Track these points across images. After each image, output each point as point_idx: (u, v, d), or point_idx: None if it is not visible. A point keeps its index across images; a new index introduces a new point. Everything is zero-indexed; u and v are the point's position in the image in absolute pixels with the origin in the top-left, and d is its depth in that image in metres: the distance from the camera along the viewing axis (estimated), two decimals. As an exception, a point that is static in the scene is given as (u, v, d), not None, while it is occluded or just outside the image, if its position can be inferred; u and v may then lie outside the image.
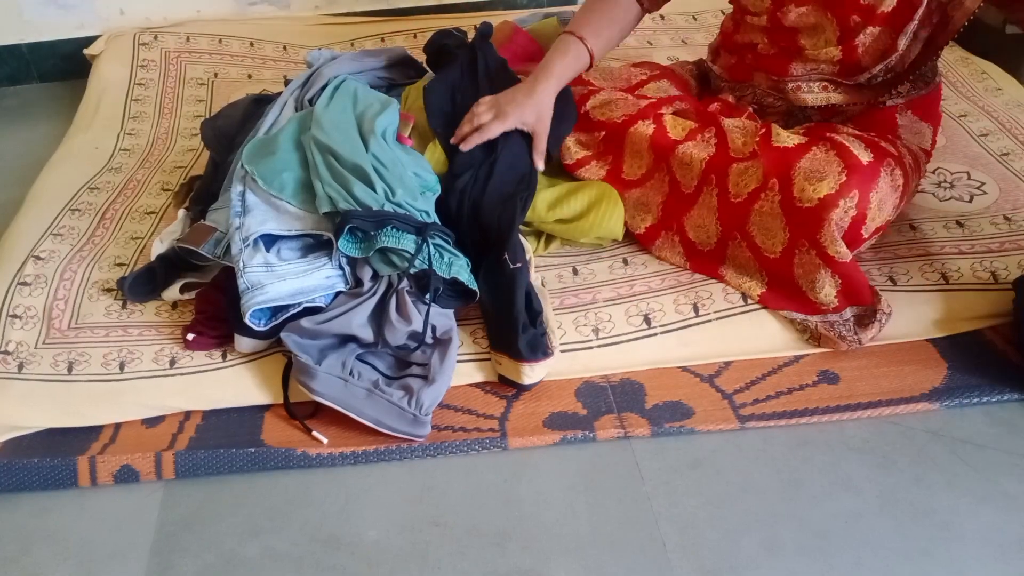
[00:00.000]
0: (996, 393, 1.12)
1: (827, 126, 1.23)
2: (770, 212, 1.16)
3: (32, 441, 1.10)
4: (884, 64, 1.20)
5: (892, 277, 1.24)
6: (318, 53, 1.47)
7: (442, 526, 1.00)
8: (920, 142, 1.30)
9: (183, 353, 1.16)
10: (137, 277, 1.23)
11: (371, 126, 1.21)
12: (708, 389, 1.15)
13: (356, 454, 1.07)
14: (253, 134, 1.30)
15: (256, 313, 1.10)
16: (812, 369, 1.17)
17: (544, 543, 0.98)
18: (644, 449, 1.08)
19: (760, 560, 0.95)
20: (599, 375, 1.17)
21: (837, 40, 1.21)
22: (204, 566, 0.97)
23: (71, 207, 1.44)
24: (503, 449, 1.08)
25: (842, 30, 1.19)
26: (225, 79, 1.93)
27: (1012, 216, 1.35)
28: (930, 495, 1.01)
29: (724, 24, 1.39)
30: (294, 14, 2.17)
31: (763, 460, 1.06)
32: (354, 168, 1.14)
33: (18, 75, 2.11)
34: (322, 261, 1.15)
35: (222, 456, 1.06)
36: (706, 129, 1.25)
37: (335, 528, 1.00)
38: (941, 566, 0.94)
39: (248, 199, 1.18)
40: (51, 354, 1.16)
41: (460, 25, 2.10)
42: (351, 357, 1.11)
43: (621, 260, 1.30)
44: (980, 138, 1.55)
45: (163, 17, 2.10)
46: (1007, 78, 1.75)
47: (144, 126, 1.74)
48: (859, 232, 1.13)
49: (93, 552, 0.99)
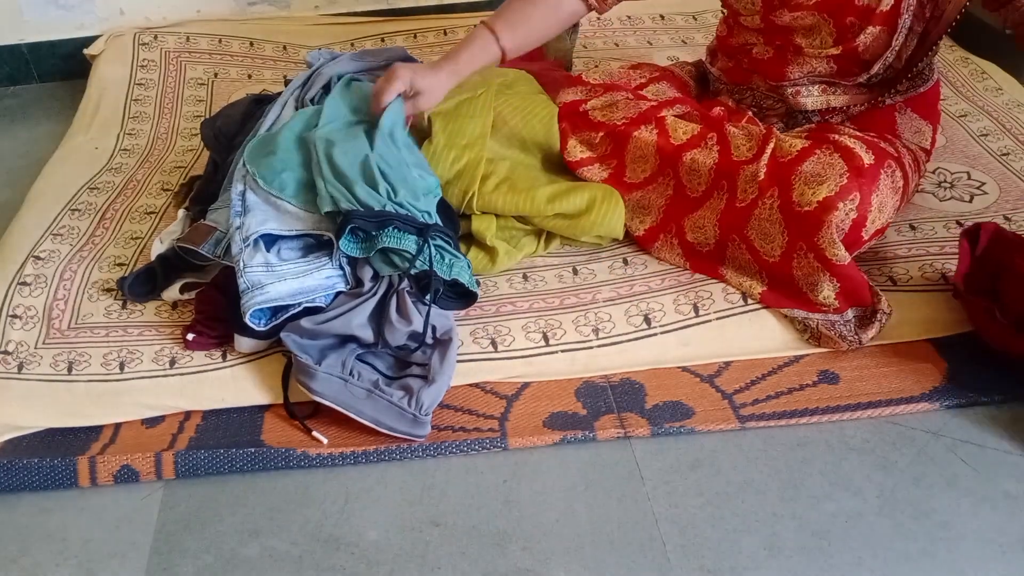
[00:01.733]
0: (996, 393, 1.12)
1: (828, 127, 1.23)
2: (768, 217, 1.16)
3: (32, 441, 1.10)
4: (883, 62, 1.20)
5: (892, 277, 1.24)
6: (318, 53, 1.47)
7: (442, 526, 1.00)
8: (920, 141, 1.30)
9: (183, 353, 1.16)
10: (137, 277, 1.23)
11: (378, 123, 1.20)
12: (708, 389, 1.15)
13: (356, 454, 1.07)
14: (253, 134, 1.30)
15: (256, 313, 1.10)
16: (812, 369, 1.17)
17: (544, 543, 0.98)
18: (644, 449, 1.08)
19: (760, 560, 0.95)
20: (599, 375, 1.17)
21: (834, 41, 1.21)
22: (204, 566, 0.97)
23: (71, 207, 1.44)
24: (503, 449, 1.08)
25: (839, 30, 1.19)
26: (225, 79, 1.93)
27: (1012, 216, 1.35)
28: (930, 495, 1.01)
29: (719, 27, 1.39)
30: (294, 14, 2.17)
31: (763, 460, 1.06)
32: (358, 167, 1.14)
33: (18, 75, 2.11)
34: (322, 261, 1.15)
35: (222, 456, 1.06)
36: (708, 134, 1.26)
37: (335, 528, 1.00)
38: (941, 566, 0.94)
39: (248, 199, 1.18)
40: (51, 354, 1.16)
41: (460, 25, 2.12)
42: (351, 357, 1.11)
43: (621, 260, 1.30)
44: (980, 138, 1.55)
45: (163, 17, 2.10)
46: (1007, 78, 1.75)
47: (144, 126, 1.74)
48: (859, 234, 1.13)
49: (93, 552, 0.99)
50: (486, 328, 1.19)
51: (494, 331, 1.18)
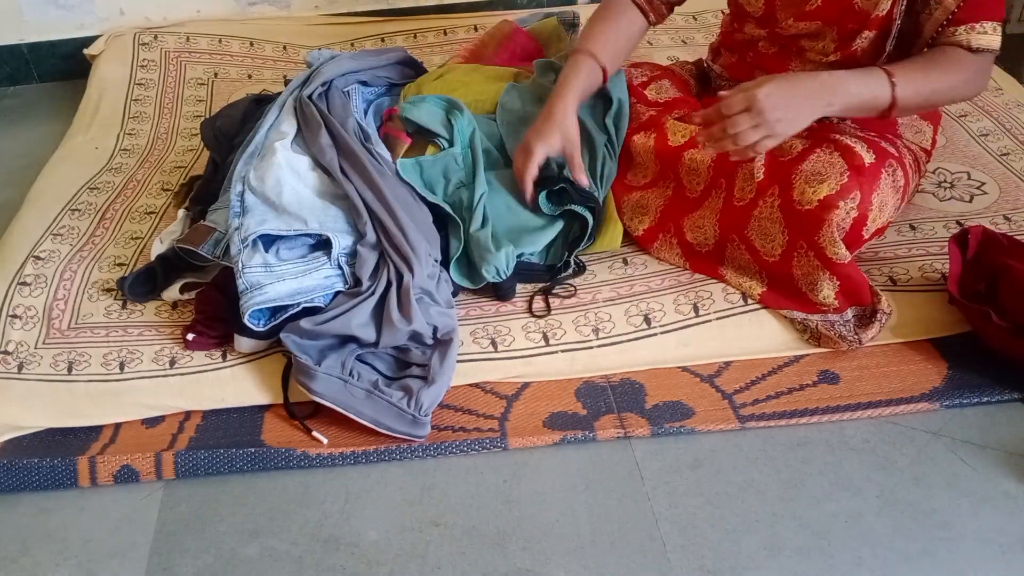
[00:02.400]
0: (996, 393, 1.12)
1: (829, 126, 1.23)
2: (769, 216, 1.16)
3: (32, 441, 1.10)
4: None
5: (892, 277, 1.24)
6: (318, 53, 1.47)
7: (442, 526, 1.00)
8: (920, 141, 1.30)
9: (183, 353, 1.16)
10: (137, 277, 1.23)
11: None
12: (708, 389, 1.15)
13: (356, 454, 1.07)
14: (253, 134, 1.30)
15: (255, 313, 1.10)
16: (812, 369, 1.17)
17: (544, 543, 0.98)
18: (644, 449, 1.08)
19: (760, 560, 0.95)
20: (599, 375, 1.17)
21: (836, 47, 1.21)
22: (204, 566, 0.97)
23: (71, 207, 1.44)
24: (503, 449, 1.08)
25: (841, 36, 1.20)
26: (225, 79, 1.93)
27: (1012, 216, 1.35)
28: (930, 495, 1.01)
29: (724, 22, 1.39)
30: (294, 14, 2.17)
31: (763, 460, 1.06)
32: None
33: (18, 75, 2.11)
34: (321, 261, 1.15)
35: (222, 456, 1.06)
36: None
37: (335, 528, 1.00)
38: (941, 566, 0.94)
39: (247, 199, 1.18)
40: (51, 354, 1.16)
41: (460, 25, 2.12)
42: (351, 357, 1.11)
43: (621, 260, 1.30)
44: (980, 138, 1.55)
45: (163, 17, 2.10)
46: (1007, 78, 1.75)
47: (144, 126, 1.74)
48: (860, 233, 1.13)
49: (93, 552, 0.99)
50: (486, 328, 1.19)
51: (494, 331, 1.18)
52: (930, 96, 1.13)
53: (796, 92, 1.06)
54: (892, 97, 1.09)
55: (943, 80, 1.12)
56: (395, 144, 1.31)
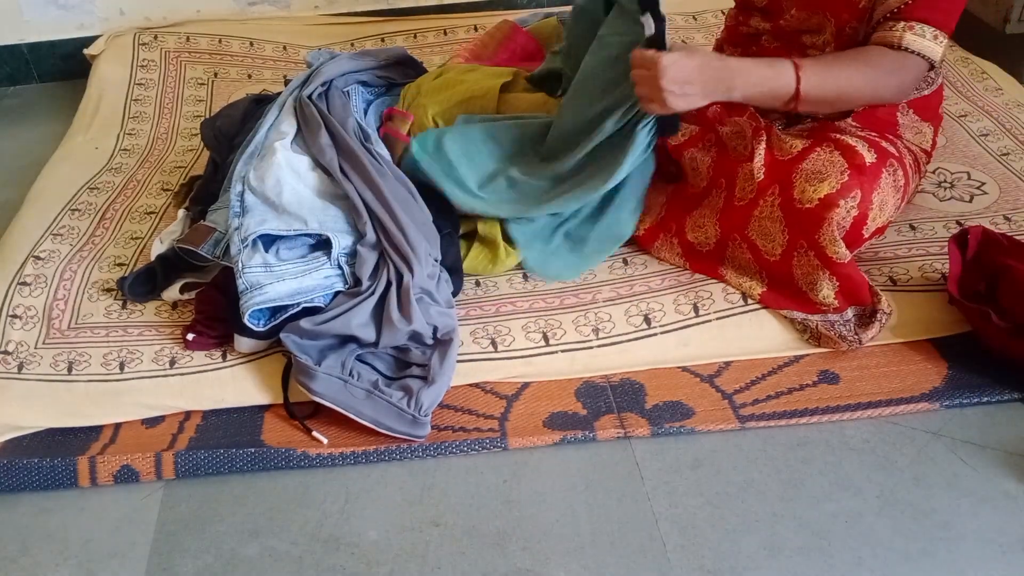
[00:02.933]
0: (996, 393, 1.12)
1: (830, 125, 1.23)
2: (769, 215, 1.16)
3: (32, 441, 1.10)
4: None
5: (892, 277, 1.24)
6: (318, 53, 1.47)
7: (442, 526, 1.00)
8: (921, 142, 1.30)
9: (183, 353, 1.16)
10: (137, 277, 1.23)
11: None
12: (708, 389, 1.15)
13: (356, 454, 1.07)
14: (253, 134, 1.30)
15: (255, 313, 1.10)
16: (812, 369, 1.17)
17: (544, 543, 0.98)
18: (644, 449, 1.08)
19: (760, 560, 0.95)
20: (599, 375, 1.17)
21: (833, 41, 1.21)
22: (204, 566, 0.97)
23: (71, 207, 1.44)
24: (503, 449, 1.08)
25: (838, 30, 1.20)
26: (225, 79, 1.93)
27: (1012, 216, 1.35)
28: (930, 495, 1.01)
29: (729, 15, 1.39)
30: (294, 14, 2.17)
31: (763, 460, 1.06)
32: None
33: (18, 75, 2.11)
34: (321, 261, 1.15)
35: (222, 456, 1.06)
36: (706, 136, 1.26)
37: (335, 528, 1.00)
38: (941, 566, 0.94)
39: (247, 199, 1.18)
40: (51, 354, 1.16)
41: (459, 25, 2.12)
42: (351, 357, 1.11)
43: (621, 260, 1.30)
44: (980, 138, 1.55)
45: (163, 17, 2.10)
46: (1007, 78, 1.75)
47: (144, 126, 1.74)
48: (860, 232, 1.13)
49: (93, 552, 0.99)
50: (486, 328, 1.19)
51: (494, 331, 1.18)
52: (838, 91, 1.12)
53: (699, 71, 1.06)
54: (796, 88, 1.09)
55: (851, 76, 1.12)
56: (395, 144, 1.31)
